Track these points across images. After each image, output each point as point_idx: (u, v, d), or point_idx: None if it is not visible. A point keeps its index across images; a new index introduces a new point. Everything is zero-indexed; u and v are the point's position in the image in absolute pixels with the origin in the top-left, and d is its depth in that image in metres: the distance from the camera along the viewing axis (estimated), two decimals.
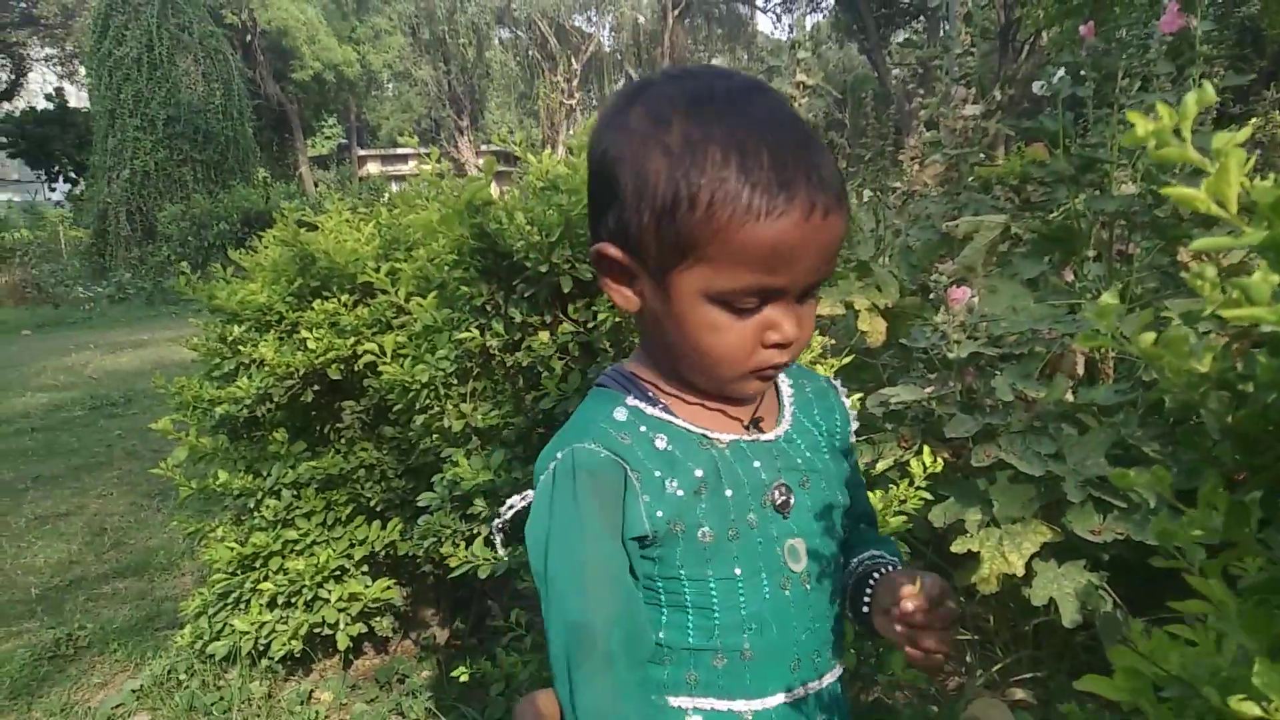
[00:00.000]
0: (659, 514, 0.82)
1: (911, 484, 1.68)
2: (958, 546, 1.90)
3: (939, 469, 1.65)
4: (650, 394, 0.87)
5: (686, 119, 0.75)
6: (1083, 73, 2.25)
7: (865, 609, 0.90)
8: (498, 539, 1.01)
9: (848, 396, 1.01)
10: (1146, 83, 2.25)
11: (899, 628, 0.82)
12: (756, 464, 0.87)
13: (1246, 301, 0.45)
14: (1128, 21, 2.36)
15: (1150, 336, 0.54)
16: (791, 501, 0.87)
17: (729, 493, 0.84)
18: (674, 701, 0.87)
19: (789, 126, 0.77)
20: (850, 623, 0.96)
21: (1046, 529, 1.84)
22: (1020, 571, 1.83)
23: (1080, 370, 2.05)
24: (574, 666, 0.79)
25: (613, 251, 0.81)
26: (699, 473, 0.84)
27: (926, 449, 1.74)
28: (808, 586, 0.88)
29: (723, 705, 0.86)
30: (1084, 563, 1.85)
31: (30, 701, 2.23)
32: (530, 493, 0.89)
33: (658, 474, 0.83)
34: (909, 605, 0.81)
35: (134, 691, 2.20)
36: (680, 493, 0.83)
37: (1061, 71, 2.39)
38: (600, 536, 0.81)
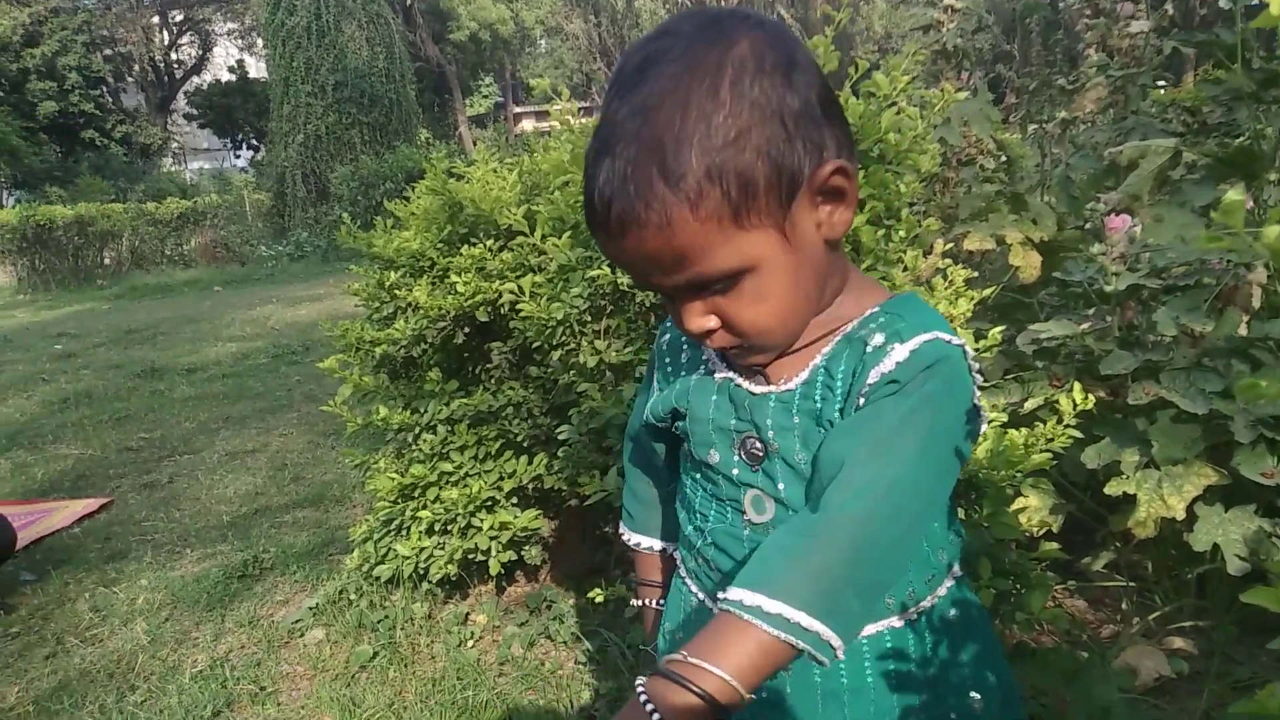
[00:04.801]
0: (654, 404, 0.96)
1: (1060, 422, 1.61)
2: (1112, 488, 1.81)
3: (1090, 406, 1.57)
4: None
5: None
6: None
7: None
8: None
9: (902, 348, 0.76)
10: None
11: None
12: (731, 409, 0.87)
13: None
14: None
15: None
16: (764, 456, 0.85)
17: (692, 423, 0.90)
18: (688, 582, 0.98)
19: (637, 118, 0.69)
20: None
21: (1211, 471, 1.73)
22: (1181, 515, 1.73)
23: (1256, 303, 1.90)
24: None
25: None
26: (677, 391, 0.92)
27: (1078, 386, 1.66)
28: None
29: (710, 602, 0.93)
30: (1254, 508, 1.73)
31: (224, 614, 2.48)
32: None
33: (670, 377, 0.96)
34: None
35: (311, 609, 2.40)
36: (668, 400, 0.93)
37: None
38: (642, 386, 1.05)
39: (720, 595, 0.69)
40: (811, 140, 0.71)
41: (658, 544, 1.12)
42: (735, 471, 0.87)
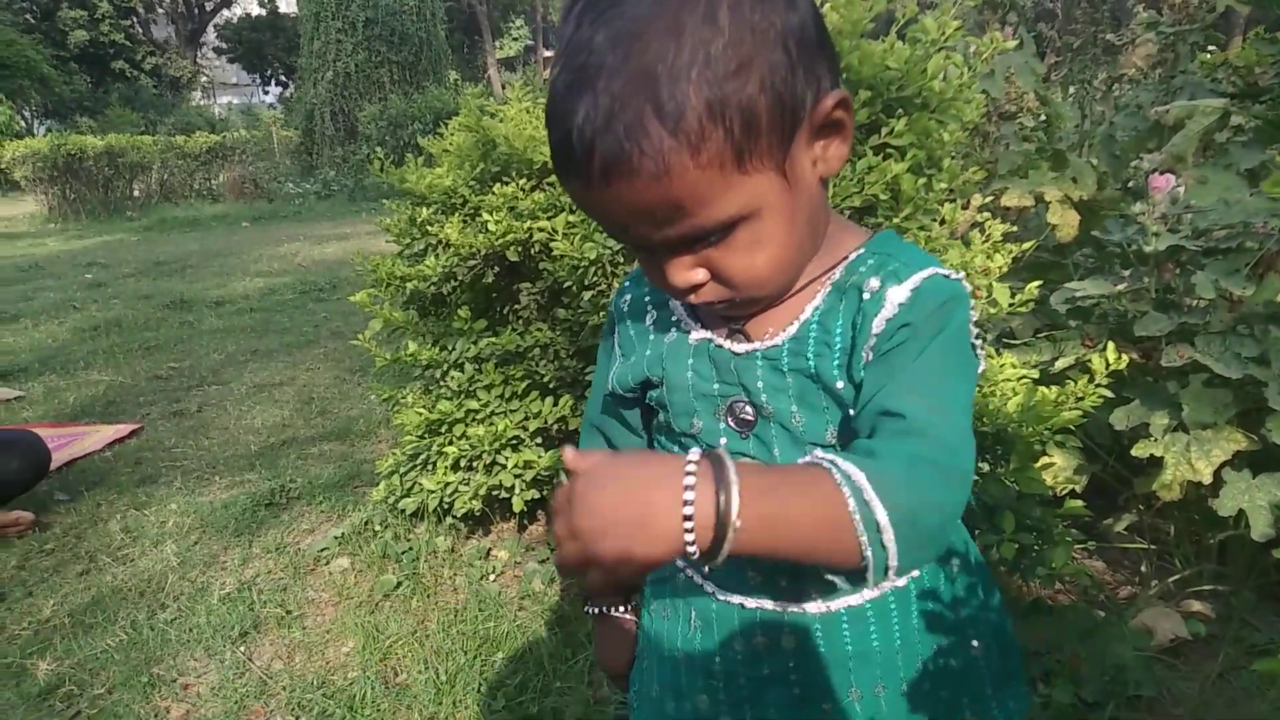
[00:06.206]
0: (619, 374, 0.87)
1: (1091, 380, 1.60)
2: (1139, 450, 1.81)
3: (1123, 366, 1.56)
4: None
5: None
6: None
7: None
8: None
9: (901, 289, 0.71)
10: None
11: None
12: (713, 373, 0.80)
13: None
14: None
15: None
16: (755, 421, 0.78)
17: (668, 392, 0.83)
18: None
19: (620, 47, 0.59)
20: None
21: (1241, 436, 1.72)
22: (1207, 480, 1.73)
23: None
24: None
25: None
26: (648, 358, 0.84)
27: (1111, 346, 1.64)
28: None
29: (699, 580, 0.87)
30: None
31: (251, 540, 2.54)
32: None
33: (635, 344, 0.87)
34: None
35: (336, 538, 2.45)
36: (637, 369, 0.85)
37: None
38: (600, 357, 0.95)
39: (826, 455, 0.63)
40: (812, 70, 0.65)
41: None
42: (723, 440, 0.80)
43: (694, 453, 0.59)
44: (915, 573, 0.83)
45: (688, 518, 0.56)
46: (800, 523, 0.60)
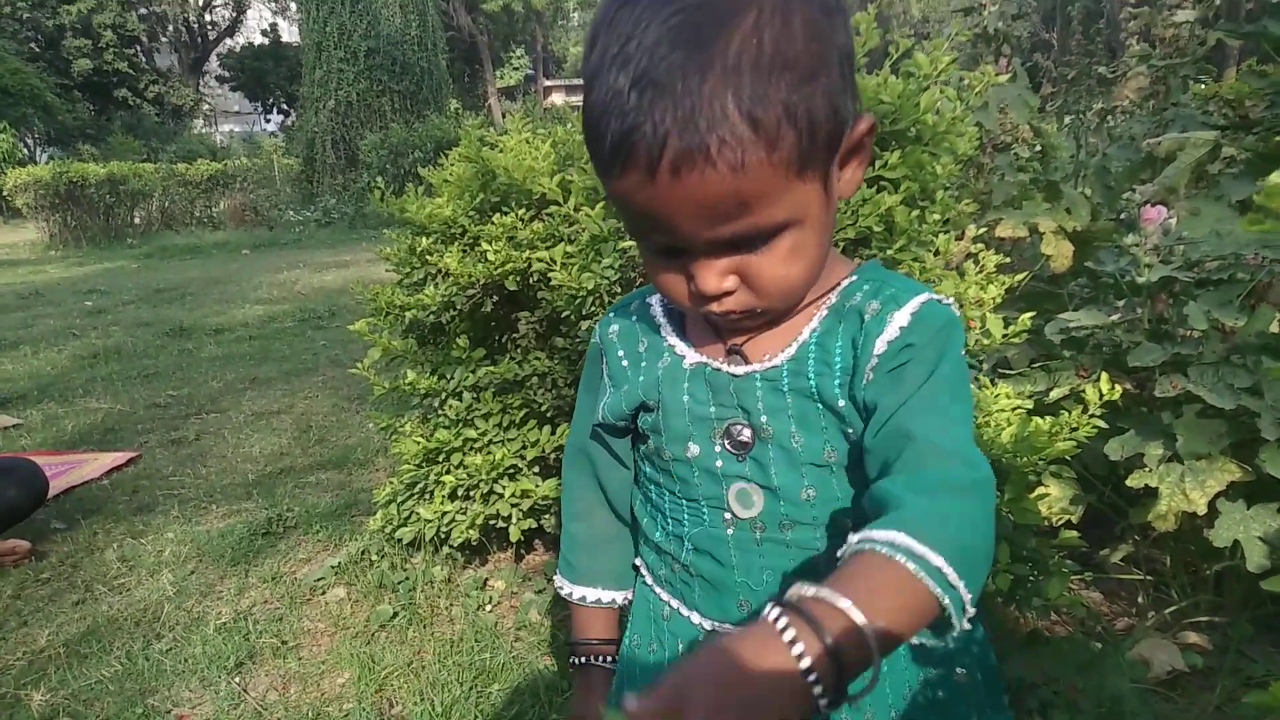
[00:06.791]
0: (612, 404, 0.88)
1: (1086, 411, 1.61)
2: (1134, 481, 1.81)
3: (1116, 396, 1.57)
4: None
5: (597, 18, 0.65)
6: None
7: None
8: None
9: (902, 313, 0.74)
10: None
11: None
12: (709, 396, 0.81)
13: None
14: None
15: None
16: (752, 443, 0.79)
17: (664, 416, 0.83)
18: (657, 591, 0.92)
19: (700, 49, 0.59)
20: None
21: (1235, 467, 1.73)
22: (1202, 510, 1.73)
23: None
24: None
25: None
26: (644, 384, 0.85)
27: (1105, 376, 1.65)
28: (758, 535, 0.81)
29: (685, 611, 0.88)
30: (1277, 506, 1.73)
31: (247, 569, 2.53)
32: None
33: (627, 372, 0.88)
34: None
35: (333, 567, 2.44)
36: (631, 396, 0.86)
37: None
38: (583, 389, 0.98)
39: (857, 536, 0.61)
40: (854, 92, 0.68)
41: (606, 594, 1.00)
42: (719, 464, 0.81)
43: (770, 610, 0.56)
44: None
45: (806, 671, 0.53)
46: (896, 609, 0.57)
